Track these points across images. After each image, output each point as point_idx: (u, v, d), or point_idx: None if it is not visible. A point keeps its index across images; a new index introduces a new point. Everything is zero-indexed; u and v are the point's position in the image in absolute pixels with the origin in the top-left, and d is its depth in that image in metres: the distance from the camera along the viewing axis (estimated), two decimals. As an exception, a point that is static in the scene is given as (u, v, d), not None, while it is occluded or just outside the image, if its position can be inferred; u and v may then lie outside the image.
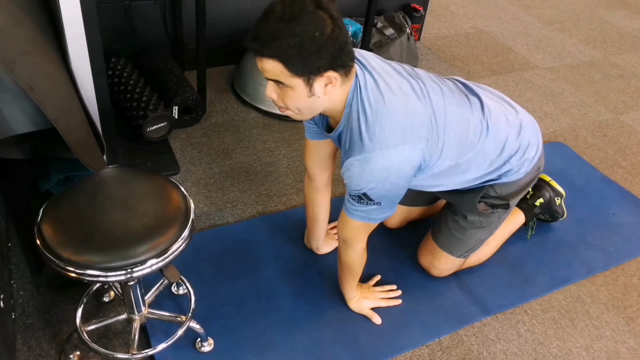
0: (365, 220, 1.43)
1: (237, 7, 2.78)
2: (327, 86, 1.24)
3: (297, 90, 1.23)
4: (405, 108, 1.30)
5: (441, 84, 1.45)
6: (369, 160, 1.28)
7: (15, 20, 1.41)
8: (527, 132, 1.58)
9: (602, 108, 2.99)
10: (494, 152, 1.51)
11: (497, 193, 1.63)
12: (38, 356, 1.53)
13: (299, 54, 1.16)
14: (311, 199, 1.75)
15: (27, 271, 1.74)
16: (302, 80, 1.21)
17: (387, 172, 1.29)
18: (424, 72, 1.47)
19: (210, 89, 2.72)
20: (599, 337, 1.76)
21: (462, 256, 1.79)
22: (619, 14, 4.25)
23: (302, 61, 1.17)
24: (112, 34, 2.53)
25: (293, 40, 1.14)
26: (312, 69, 1.19)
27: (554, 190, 2.05)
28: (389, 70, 1.37)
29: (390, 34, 3.02)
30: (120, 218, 1.25)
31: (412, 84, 1.36)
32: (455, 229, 1.74)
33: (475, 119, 1.46)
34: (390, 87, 1.31)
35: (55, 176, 1.73)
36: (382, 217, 1.43)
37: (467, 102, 1.47)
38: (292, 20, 1.14)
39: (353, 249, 1.54)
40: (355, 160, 1.29)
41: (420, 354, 1.65)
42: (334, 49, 1.18)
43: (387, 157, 1.27)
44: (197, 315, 1.58)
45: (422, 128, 1.32)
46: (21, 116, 1.45)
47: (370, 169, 1.28)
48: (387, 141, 1.27)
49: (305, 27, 1.14)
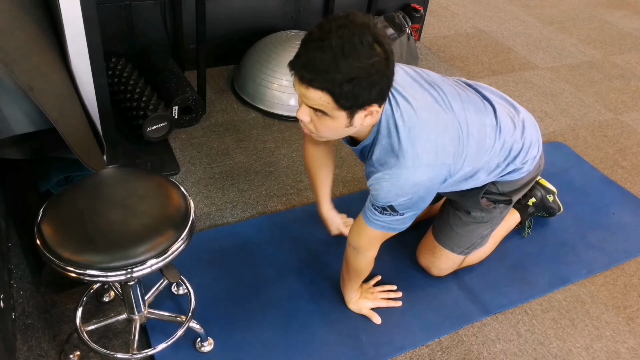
0: (385, 229, 1.43)
1: (237, 7, 2.78)
2: (366, 117, 1.23)
3: (337, 121, 1.20)
4: (437, 125, 1.32)
5: (458, 90, 1.46)
6: (400, 176, 1.29)
7: (15, 20, 1.41)
8: (529, 131, 1.59)
9: (602, 108, 2.99)
10: (502, 154, 1.53)
11: (499, 190, 1.64)
12: (38, 356, 1.53)
13: (352, 90, 1.12)
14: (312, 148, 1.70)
15: (27, 271, 1.74)
16: (346, 113, 1.18)
17: (417, 188, 1.31)
18: (438, 77, 1.46)
19: (210, 89, 2.72)
20: (599, 337, 1.76)
21: (462, 253, 1.79)
22: (619, 14, 4.25)
23: (353, 96, 1.14)
24: (112, 34, 2.53)
25: (349, 76, 1.10)
26: (359, 103, 1.17)
27: (544, 188, 2.07)
28: (410, 82, 1.37)
29: (390, 34, 3.02)
30: (120, 218, 1.25)
31: (434, 96, 1.37)
32: (457, 225, 1.74)
33: (490, 123, 1.48)
34: (419, 102, 1.32)
35: (55, 176, 1.73)
36: (402, 228, 1.43)
37: (482, 106, 1.49)
38: (350, 55, 1.09)
39: (364, 257, 1.55)
40: (386, 174, 1.30)
41: (420, 354, 1.65)
42: (385, 85, 1.18)
43: (419, 174, 1.29)
44: (197, 315, 1.58)
45: (451, 144, 1.34)
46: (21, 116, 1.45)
47: (401, 184, 1.29)
48: (421, 159, 1.28)
49: (363, 61, 1.10)
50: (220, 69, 2.92)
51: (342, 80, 1.10)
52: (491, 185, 1.63)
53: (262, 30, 2.81)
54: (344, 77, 1.10)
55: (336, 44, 1.08)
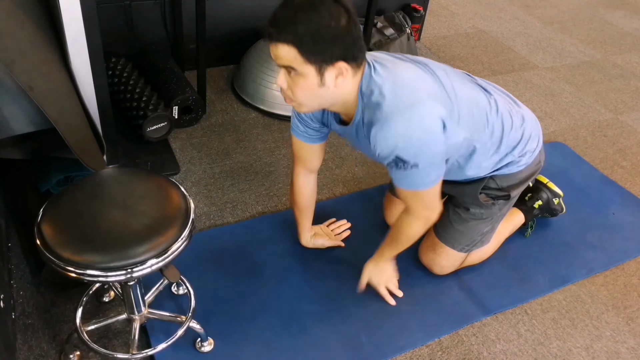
0: (412, 187, 1.41)
1: (237, 7, 2.78)
2: (337, 78, 1.28)
3: (308, 78, 1.26)
4: (415, 77, 1.36)
5: (445, 67, 1.50)
6: (389, 123, 1.30)
7: (15, 20, 1.41)
8: (529, 124, 1.61)
9: (602, 108, 2.99)
10: (499, 137, 1.53)
11: (498, 185, 1.65)
12: (38, 356, 1.53)
13: (313, 41, 1.20)
14: (303, 185, 1.76)
15: (27, 271, 1.74)
16: (314, 68, 1.24)
17: (411, 129, 1.30)
18: (429, 60, 1.51)
19: (210, 89, 2.72)
20: (599, 337, 1.76)
21: (463, 250, 1.79)
22: (619, 14, 4.25)
23: (317, 48, 1.21)
24: (112, 34, 2.53)
25: (309, 26, 1.19)
26: (325, 57, 1.23)
27: (551, 192, 2.06)
28: (392, 59, 1.42)
29: (390, 34, 3.02)
30: (120, 218, 1.25)
31: (417, 65, 1.42)
32: (457, 222, 1.74)
33: (482, 97, 1.50)
34: (397, 65, 1.38)
35: (55, 176, 1.74)
36: (428, 181, 1.40)
37: (471, 83, 1.52)
38: (310, 9, 1.19)
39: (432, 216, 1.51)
40: (377, 129, 1.32)
41: (420, 354, 1.65)
42: (347, 40, 1.23)
43: (406, 116, 1.29)
44: (197, 315, 1.58)
45: (434, 92, 1.36)
46: (21, 116, 1.45)
47: (393, 130, 1.30)
48: (404, 102, 1.30)
49: (323, 15, 1.19)
50: (220, 69, 2.92)
51: (303, 31, 1.19)
52: (490, 179, 1.63)
53: (262, 30, 2.81)
54: (304, 28, 1.19)
55: (298, 2, 1.20)
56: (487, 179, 1.63)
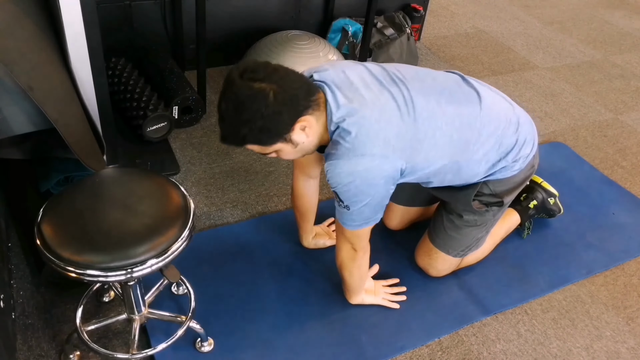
0: (340, 222, 1.47)
1: (237, 7, 2.78)
2: (305, 130, 1.32)
3: (283, 151, 1.35)
4: (379, 121, 1.33)
5: (431, 82, 1.46)
6: (336, 165, 1.34)
7: (15, 20, 1.41)
8: (524, 128, 1.58)
9: (602, 108, 2.99)
10: (492, 147, 1.51)
11: (491, 190, 1.62)
12: (38, 356, 1.53)
13: (261, 132, 1.27)
14: (303, 190, 1.76)
15: (27, 271, 1.74)
16: (280, 142, 1.31)
17: (352, 177, 1.33)
18: (413, 71, 1.47)
19: (210, 89, 2.72)
20: (599, 337, 1.76)
21: (458, 255, 1.79)
22: (619, 14, 4.25)
23: (269, 133, 1.28)
24: (112, 34, 2.53)
25: (249, 127, 1.25)
26: (281, 132, 1.29)
27: (546, 191, 2.06)
28: (368, 80, 1.39)
29: (390, 34, 3.02)
30: (120, 218, 1.25)
31: (393, 93, 1.38)
32: (450, 229, 1.73)
33: (470, 114, 1.46)
34: (365, 100, 1.34)
35: (55, 176, 1.74)
36: (352, 225, 1.45)
37: (461, 97, 1.48)
38: (237, 112, 1.24)
39: (339, 248, 1.57)
40: (329, 163, 1.36)
41: (420, 354, 1.65)
42: (287, 106, 1.25)
43: (353, 163, 1.32)
44: (197, 315, 1.58)
45: (397, 139, 1.35)
46: (21, 116, 1.45)
47: (338, 170, 1.34)
48: (356, 150, 1.32)
49: (251, 110, 1.23)
50: (220, 69, 2.92)
51: (248, 133, 1.26)
52: (483, 185, 1.61)
53: (262, 30, 2.81)
54: (246, 131, 1.25)
55: (225, 110, 1.26)
56: (480, 185, 1.61)
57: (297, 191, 1.77)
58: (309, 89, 1.31)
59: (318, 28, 3.08)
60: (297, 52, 2.65)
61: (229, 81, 1.24)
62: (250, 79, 1.22)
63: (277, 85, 1.23)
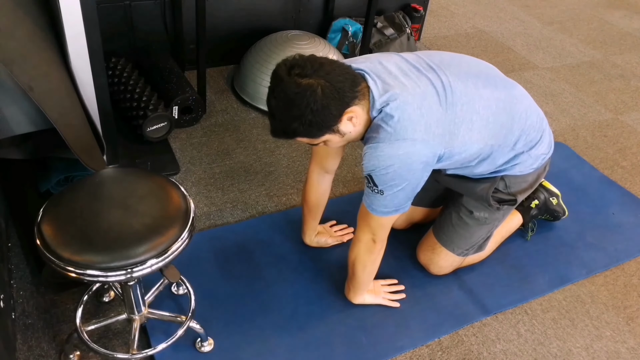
0: (369, 208, 1.45)
1: (237, 7, 2.78)
2: (352, 120, 1.35)
3: (331, 141, 1.39)
4: (420, 107, 1.34)
5: (466, 66, 1.49)
6: (377, 148, 1.35)
7: (15, 20, 1.41)
8: (548, 128, 1.65)
9: (602, 108, 2.99)
10: (520, 137, 1.53)
11: (507, 187, 1.64)
12: (38, 356, 1.53)
13: (311, 125, 1.29)
14: (317, 185, 1.76)
15: (27, 271, 1.74)
16: (329, 134, 1.35)
17: (392, 161, 1.34)
18: (449, 57, 1.50)
19: (210, 89, 2.72)
20: (599, 337, 1.76)
21: (462, 254, 1.79)
22: (619, 14, 4.25)
23: (318, 126, 1.31)
24: (112, 34, 2.53)
25: (300, 122, 1.28)
26: (329, 124, 1.32)
27: (548, 191, 2.06)
28: (405, 68, 1.41)
29: (390, 34, 3.02)
30: (120, 218, 1.25)
31: (431, 79, 1.39)
32: (459, 226, 1.74)
33: (505, 98, 1.49)
34: (405, 86, 1.36)
35: (55, 176, 1.74)
36: (382, 212, 1.44)
37: (497, 81, 1.51)
38: (287, 108, 1.27)
39: (358, 239, 1.56)
40: (369, 146, 1.37)
41: (420, 354, 1.65)
42: (334, 99, 1.28)
43: (395, 147, 1.33)
44: (197, 315, 1.58)
45: (437, 125, 1.36)
46: (21, 116, 1.45)
47: (378, 153, 1.34)
48: (398, 134, 1.33)
49: (301, 106, 1.26)
50: (220, 69, 2.92)
51: (299, 128, 1.29)
52: (500, 181, 1.63)
53: (262, 30, 2.81)
54: (297, 126, 1.29)
55: (275, 107, 1.30)
56: (497, 180, 1.62)
57: (310, 184, 1.77)
58: (354, 80, 1.33)
59: (318, 28, 3.08)
60: (297, 52, 2.64)
61: (278, 78, 1.27)
62: (298, 75, 1.25)
63: (324, 80, 1.26)
